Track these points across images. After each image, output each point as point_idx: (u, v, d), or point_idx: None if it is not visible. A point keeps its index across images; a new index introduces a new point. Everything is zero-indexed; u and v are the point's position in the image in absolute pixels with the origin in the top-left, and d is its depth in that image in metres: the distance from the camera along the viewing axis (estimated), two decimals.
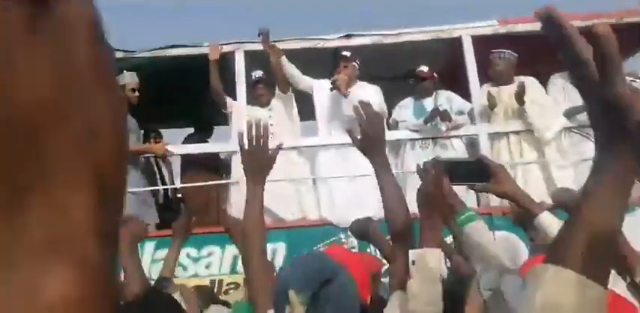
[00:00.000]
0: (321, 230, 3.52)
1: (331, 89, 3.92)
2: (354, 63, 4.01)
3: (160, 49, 4.18)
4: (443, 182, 1.24)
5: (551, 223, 1.28)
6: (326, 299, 1.04)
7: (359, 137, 1.44)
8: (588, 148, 3.97)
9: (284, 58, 3.96)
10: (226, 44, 4.18)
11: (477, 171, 1.29)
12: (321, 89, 4.10)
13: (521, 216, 2.13)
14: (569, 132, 4.01)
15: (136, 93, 4.07)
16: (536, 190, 3.79)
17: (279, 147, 1.50)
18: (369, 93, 4.01)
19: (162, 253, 3.51)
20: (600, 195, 0.58)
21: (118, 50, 4.12)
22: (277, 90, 4.11)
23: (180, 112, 5.13)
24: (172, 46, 4.18)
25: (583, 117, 3.95)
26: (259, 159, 1.44)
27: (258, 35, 3.94)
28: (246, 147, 1.44)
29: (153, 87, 4.24)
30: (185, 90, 4.66)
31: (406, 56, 4.39)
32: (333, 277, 1.08)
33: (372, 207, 3.70)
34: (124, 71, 4.05)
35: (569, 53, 0.59)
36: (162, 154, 4.12)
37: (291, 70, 4.00)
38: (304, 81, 4.10)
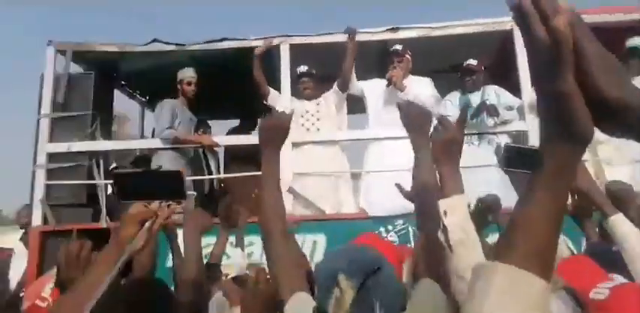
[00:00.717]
0: (361, 223, 3.52)
1: (387, 85, 3.90)
2: (407, 56, 3.97)
3: (209, 42, 4.25)
4: (461, 129, 1.25)
5: (621, 228, 1.22)
6: (375, 288, 1.04)
7: (407, 115, 1.41)
8: (637, 147, 3.80)
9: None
10: (272, 37, 4.21)
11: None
12: (371, 89, 4.10)
13: (582, 211, 2.03)
14: None
15: (193, 87, 4.20)
16: None
17: (292, 113, 1.49)
18: (424, 87, 3.98)
19: (205, 240, 3.63)
20: (537, 193, 0.57)
21: (168, 43, 4.25)
22: (335, 87, 4.11)
23: (226, 105, 5.23)
24: (222, 40, 4.25)
25: None
26: (275, 127, 1.43)
27: (347, 34, 3.95)
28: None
29: (201, 80, 4.35)
30: (232, 83, 4.73)
31: (454, 49, 4.31)
32: (380, 266, 1.08)
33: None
34: (185, 67, 4.23)
35: (528, 39, 0.59)
36: (210, 145, 4.21)
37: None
38: (356, 86, 4.11)
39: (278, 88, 4.13)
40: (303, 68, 4.15)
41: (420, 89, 3.93)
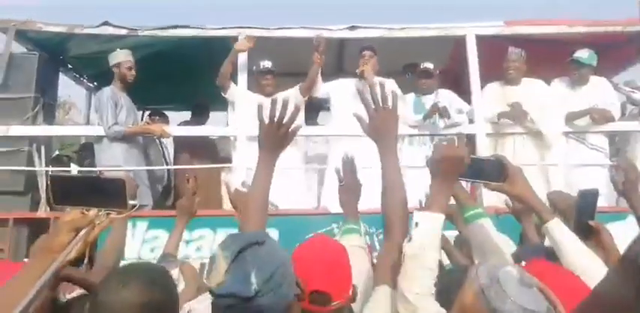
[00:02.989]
0: (314, 219, 3.54)
1: (359, 78, 3.95)
2: (375, 58, 4.02)
3: (163, 28, 4.12)
4: (463, 149, 1.27)
5: (557, 232, 1.30)
6: (252, 259, 1.06)
7: (369, 121, 1.44)
8: (583, 153, 4.05)
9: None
10: (230, 28, 4.14)
11: (492, 170, 1.32)
12: (336, 90, 4.12)
13: (520, 215, 2.18)
14: (567, 137, 4.06)
15: (133, 72, 4.03)
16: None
17: (298, 128, 1.50)
18: (391, 87, 4.05)
19: (155, 232, 3.54)
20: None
21: (121, 27, 4.09)
22: (297, 91, 4.09)
23: (179, 94, 5.11)
24: (176, 27, 4.13)
25: (581, 122, 4.01)
26: (277, 135, 1.44)
27: (316, 44, 3.86)
28: (266, 121, 1.44)
29: (154, 67, 4.22)
30: (186, 73, 4.63)
31: (410, 52, 4.40)
32: (262, 241, 1.10)
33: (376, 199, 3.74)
34: (118, 49, 4.01)
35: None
36: (160, 134, 4.09)
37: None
38: (320, 90, 4.12)
39: (234, 80, 4.07)
40: (267, 64, 4.08)
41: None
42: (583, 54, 4.04)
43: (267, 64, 4.08)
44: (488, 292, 0.98)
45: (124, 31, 4.09)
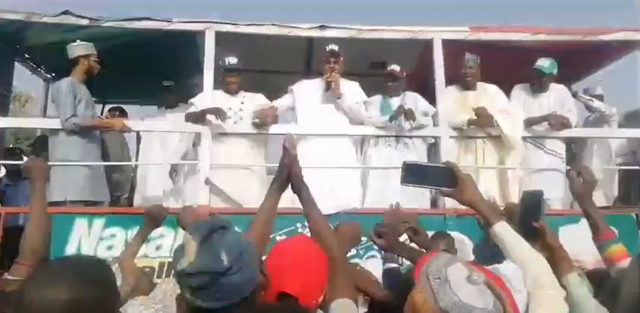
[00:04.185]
0: (279, 218, 3.50)
1: (326, 89, 3.95)
2: (341, 58, 4.01)
3: (127, 20, 3.99)
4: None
5: (503, 233, 1.35)
6: (220, 240, 1.11)
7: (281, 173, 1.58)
8: (542, 157, 4.17)
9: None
10: (197, 22, 4.06)
11: (444, 176, 1.37)
12: (302, 91, 4.10)
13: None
14: (525, 142, 4.17)
15: (98, 65, 3.89)
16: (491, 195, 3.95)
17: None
18: (354, 90, 4.06)
19: (112, 230, 3.44)
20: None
21: (82, 17, 3.95)
22: (264, 98, 4.08)
23: (142, 89, 4.97)
24: (141, 19, 4.01)
25: (539, 127, 4.13)
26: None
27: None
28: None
29: (116, 60, 4.09)
30: (150, 67, 4.51)
31: (378, 53, 4.42)
32: (227, 226, 1.16)
33: (345, 197, 3.74)
34: (77, 40, 3.86)
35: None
36: (121, 129, 3.97)
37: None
38: (285, 103, 4.10)
39: (199, 76, 3.99)
40: (233, 60, 3.99)
41: (351, 93, 4.02)
42: (544, 63, 4.16)
43: (232, 60, 3.99)
44: (437, 291, 0.98)
45: (85, 21, 3.95)
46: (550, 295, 1.24)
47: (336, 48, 3.99)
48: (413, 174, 1.36)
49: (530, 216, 1.58)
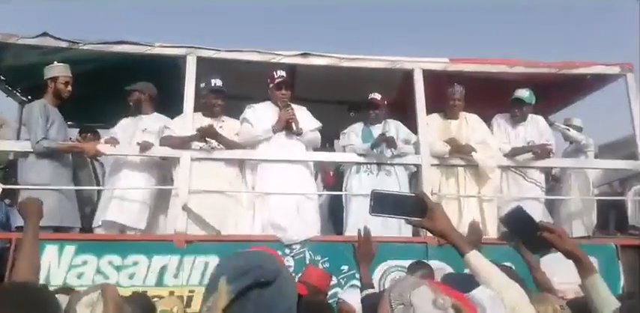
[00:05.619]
0: (257, 245, 3.41)
1: (284, 128, 3.91)
2: (289, 92, 3.98)
3: (107, 43, 3.96)
4: None
5: (475, 262, 1.35)
6: (257, 301, 0.97)
7: None
8: (522, 186, 4.20)
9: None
10: (179, 47, 4.05)
11: (414, 206, 1.35)
12: (262, 113, 4.04)
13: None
14: (508, 171, 4.20)
15: (69, 88, 3.83)
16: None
17: None
18: (306, 116, 4.05)
19: (84, 257, 3.29)
20: None
21: (61, 39, 3.90)
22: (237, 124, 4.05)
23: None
24: (121, 42, 3.98)
25: (522, 157, 4.18)
26: None
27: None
28: None
29: (94, 83, 4.03)
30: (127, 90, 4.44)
31: (359, 82, 4.46)
32: (272, 279, 0.99)
33: (311, 222, 3.67)
34: (55, 62, 3.81)
35: None
36: (93, 154, 3.86)
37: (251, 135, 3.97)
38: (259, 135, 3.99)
39: (178, 99, 3.94)
40: (218, 82, 3.95)
41: (304, 120, 3.99)
42: (524, 93, 4.27)
43: (218, 82, 3.95)
44: None
45: (64, 44, 3.90)
46: None
47: (283, 74, 3.97)
48: (382, 203, 1.33)
49: (526, 231, 1.52)
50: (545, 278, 1.87)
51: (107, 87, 4.19)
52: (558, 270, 2.03)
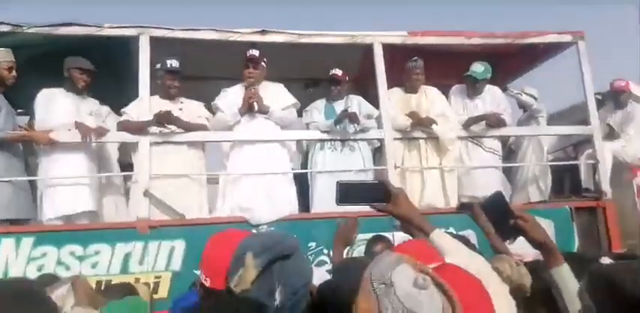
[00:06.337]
0: (224, 228, 3.38)
1: (248, 110, 3.83)
2: (263, 63, 3.92)
3: (54, 26, 3.76)
4: None
5: (439, 241, 1.40)
6: (280, 272, 1.11)
7: None
8: (481, 155, 4.30)
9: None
10: (130, 27, 3.88)
11: (378, 192, 1.42)
12: (234, 96, 3.96)
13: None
14: (465, 141, 4.29)
15: (13, 73, 3.64)
16: (434, 194, 4.03)
17: None
18: (280, 94, 3.99)
19: (43, 249, 3.19)
20: None
21: (3, 23, 3.68)
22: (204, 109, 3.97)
23: None
24: (68, 24, 3.78)
25: (478, 127, 4.25)
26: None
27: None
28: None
29: (41, 68, 3.83)
30: None
31: (319, 59, 4.41)
32: (291, 253, 1.15)
33: (282, 204, 3.66)
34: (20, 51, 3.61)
35: None
36: (46, 143, 3.67)
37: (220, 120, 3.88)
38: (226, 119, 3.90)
39: (134, 82, 3.80)
40: (174, 63, 3.83)
41: (278, 97, 3.94)
42: (478, 69, 4.32)
43: (174, 63, 3.83)
44: (382, 299, 0.93)
45: (6, 28, 3.68)
46: (497, 291, 1.25)
47: (256, 53, 3.89)
48: (347, 193, 1.40)
49: (500, 217, 1.57)
50: (501, 244, 1.92)
51: (58, 72, 4.00)
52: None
